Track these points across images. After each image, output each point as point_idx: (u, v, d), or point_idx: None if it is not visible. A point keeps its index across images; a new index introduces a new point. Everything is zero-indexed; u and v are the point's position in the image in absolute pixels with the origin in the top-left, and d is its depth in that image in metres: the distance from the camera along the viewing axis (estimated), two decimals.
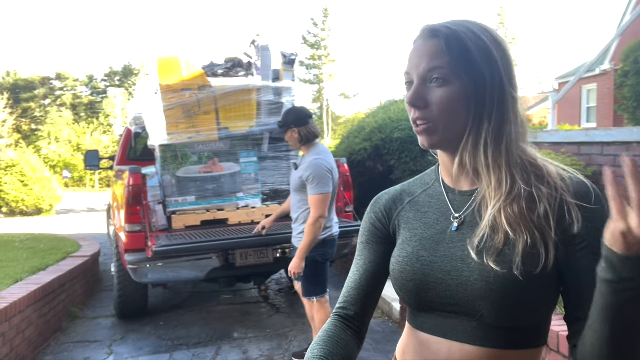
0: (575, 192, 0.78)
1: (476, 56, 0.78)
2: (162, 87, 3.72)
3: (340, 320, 0.93)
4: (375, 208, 0.97)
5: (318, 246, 2.99)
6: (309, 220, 2.88)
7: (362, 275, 0.94)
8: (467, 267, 0.79)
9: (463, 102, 0.79)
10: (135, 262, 3.50)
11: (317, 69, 34.23)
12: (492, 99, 0.79)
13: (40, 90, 43.92)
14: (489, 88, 0.79)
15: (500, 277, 0.75)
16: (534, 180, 0.79)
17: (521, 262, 0.74)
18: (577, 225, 0.76)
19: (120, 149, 5.42)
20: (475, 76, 0.79)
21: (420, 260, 0.84)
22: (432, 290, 0.82)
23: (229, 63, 4.70)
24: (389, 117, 5.66)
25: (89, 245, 5.86)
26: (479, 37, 0.79)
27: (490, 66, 0.79)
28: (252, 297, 5.03)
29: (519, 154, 0.81)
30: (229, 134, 4.02)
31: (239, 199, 4.15)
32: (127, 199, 3.55)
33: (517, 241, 0.76)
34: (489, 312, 0.77)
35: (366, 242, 0.96)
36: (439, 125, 0.80)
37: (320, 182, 2.84)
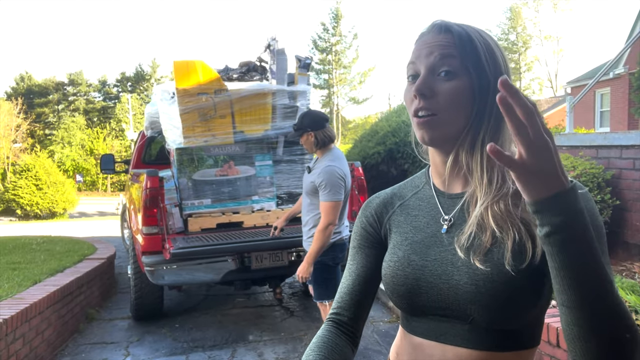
0: None
1: (483, 54, 0.80)
2: (178, 90, 3.76)
3: (334, 326, 0.93)
4: (366, 212, 0.97)
5: (328, 250, 2.98)
6: (319, 226, 2.87)
7: (354, 281, 0.93)
8: (456, 270, 0.79)
9: (469, 97, 0.80)
10: (152, 264, 3.53)
11: (327, 74, 34.32)
12: (494, 99, 0.80)
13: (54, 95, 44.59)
14: (492, 87, 0.79)
15: (488, 278, 0.75)
16: None
17: (511, 258, 0.74)
18: None
19: (136, 153, 5.48)
20: (482, 73, 0.80)
21: (411, 264, 0.84)
22: (424, 294, 0.82)
23: (244, 67, 4.74)
24: (402, 120, 5.66)
25: (104, 248, 5.92)
26: (484, 38, 0.82)
27: (494, 66, 0.81)
28: (266, 300, 5.04)
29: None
30: (245, 137, 4.05)
31: (254, 202, 4.17)
32: (145, 201, 3.59)
33: (504, 239, 0.76)
34: (480, 315, 0.76)
35: (358, 246, 0.95)
36: (443, 118, 0.80)
37: (332, 189, 2.83)
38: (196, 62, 3.79)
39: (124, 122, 39.03)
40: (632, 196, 3.41)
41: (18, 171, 16.85)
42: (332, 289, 3.06)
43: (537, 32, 35.32)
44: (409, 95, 0.84)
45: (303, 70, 4.18)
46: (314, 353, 0.87)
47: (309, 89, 4.26)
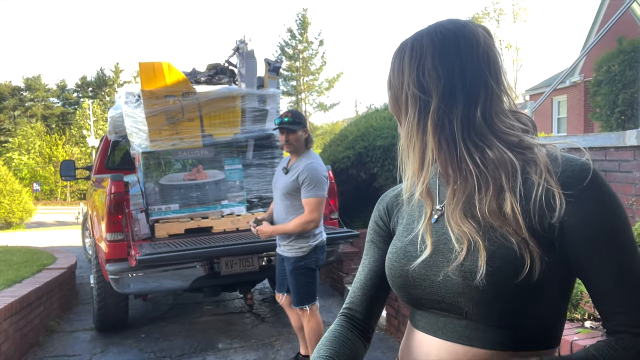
0: (564, 175, 0.73)
1: (391, 68, 0.84)
2: (144, 92, 3.67)
3: (346, 321, 0.92)
4: (379, 206, 0.98)
5: (309, 254, 2.96)
6: (303, 217, 2.84)
7: (366, 275, 0.93)
8: (446, 261, 0.77)
9: (391, 106, 0.86)
10: (117, 272, 3.40)
11: (295, 80, 34.33)
12: (400, 101, 0.83)
13: (9, 100, 42.81)
14: (399, 94, 0.83)
15: (472, 270, 0.73)
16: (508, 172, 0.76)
17: (486, 270, 0.71)
18: (558, 213, 0.71)
19: (99, 158, 5.31)
20: (389, 85, 0.85)
21: (407, 255, 0.83)
22: (418, 286, 0.81)
23: (212, 70, 4.68)
24: (371, 125, 5.71)
25: (64, 258, 5.69)
26: (403, 48, 0.83)
27: (398, 76, 0.83)
28: (235, 307, 4.95)
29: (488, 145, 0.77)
30: (214, 141, 3.98)
31: (223, 206, 4.10)
32: (109, 207, 3.47)
33: (475, 249, 0.74)
34: (471, 310, 0.75)
35: (371, 240, 0.96)
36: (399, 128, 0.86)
37: (317, 185, 2.84)
38: (163, 64, 3.70)
39: (85, 129, 37.83)
40: None
41: None
42: (312, 293, 3.04)
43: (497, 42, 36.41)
44: None
45: (272, 73, 4.16)
46: (326, 347, 0.86)
47: (279, 92, 4.24)
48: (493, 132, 0.78)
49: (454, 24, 0.81)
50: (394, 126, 5.55)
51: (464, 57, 0.78)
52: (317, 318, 3.07)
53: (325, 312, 4.67)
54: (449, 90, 0.77)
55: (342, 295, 5.13)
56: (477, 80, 0.78)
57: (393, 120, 5.72)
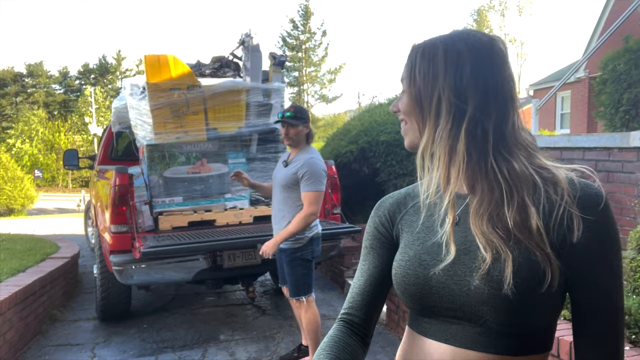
0: (582, 199, 0.77)
1: (416, 68, 0.84)
2: (149, 85, 3.67)
3: (345, 326, 0.93)
4: (379, 212, 0.97)
5: (306, 245, 3.02)
6: (302, 213, 2.90)
7: (366, 281, 0.94)
8: (469, 271, 0.79)
9: (411, 107, 0.85)
10: (120, 264, 3.43)
11: (297, 71, 34.19)
12: (430, 105, 0.82)
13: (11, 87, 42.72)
14: (427, 100, 0.83)
15: (500, 281, 0.75)
16: (530, 188, 0.79)
17: (513, 281, 0.74)
18: (577, 234, 0.76)
19: (102, 148, 5.32)
20: (415, 87, 0.85)
21: (423, 264, 0.84)
22: (435, 294, 0.82)
23: (216, 63, 4.67)
24: (374, 120, 5.71)
25: (67, 247, 5.72)
26: (433, 53, 0.83)
27: (429, 79, 0.83)
28: (237, 299, 4.99)
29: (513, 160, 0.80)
30: (218, 134, 3.99)
31: (226, 200, 4.11)
32: (113, 199, 3.49)
33: (499, 260, 0.76)
34: (492, 317, 0.76)
35: (370, 246, 0.96)
36: (407, 127, 0.88)
37: (317, 179, 2.89)
38: (168, 57, 3.70)
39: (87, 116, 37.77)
40: None
41: None
42: (308, 284, 3.08)
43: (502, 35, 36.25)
44: None
45: (277, 67, 4.15)
46: (326, 352, 0.87)
47: (284, 86, 4.24)
48: (517, 146, 0.81)
49: (485, 35, 0.84)
50: (398, 121, 5.54)
51: (497, 70, 0.81)
52: (314, 309, 3.12)
53: (325, 305, 4.71)
54: (485, 100, 0.80)
55: (343, 288, 5.17)
56: (506, 94, 0.81)
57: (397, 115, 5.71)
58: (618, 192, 3.31)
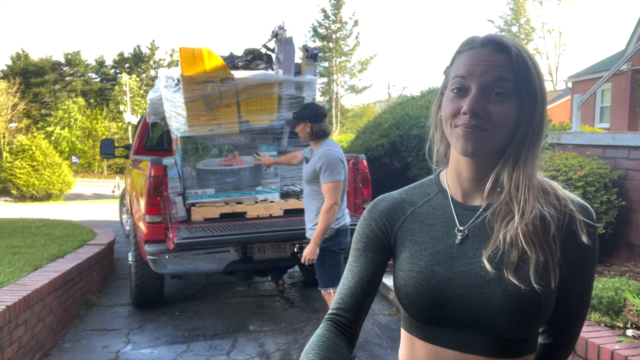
0: (582, 211, 0.85)
1: (535, 78, 0.82)
2: (184, 78, 3.71)
3: (333, 326, 0.93)
4: (374, 215, 0.96)
5: (333, 237, 3.08)
6: (323, 207, 2.99)
7: (357, 283, 0.93)
8: (486, 284, 0.81)
9: (515, 118, 0.82)
10: (155, 253, 3.51)
11: (327, 62, 34.06)
12: (537, 121, 0.83)
13: (50, 75, 44.08)
14: (539, 111, 0.83)
15: (521, 294, 0.79)
16: (546, 199, 0.84)
17: (537, 277, 0.79)
18: (584, 238, 0.82)
19: (137, 138, 5.43)
20: (532, 97, 0.82)
21: (437, 276, 0.85)
22: (449, 305, 0.83)
23: (249, 55, 4.68)
24: (406, 113, 5.62)
25: (103, 233, 5.89)
26: (535, 63, 0.83)
27: (542, 92, 0.83)
28: (266, 290, 5.05)
29: (536, 173, 0.86)
30: (250, 127, 4.01)
31: (257, 192, 4.14)
32: (148, 189, 3.56)
33: (529, 258, 0.80)
34: (506, 327, 0.80)
35: (363, 249, 0.95)
36: (491, 135, 0.81)
37: (333, 170, 2.97)
38: (202, 50, 3.72)
39: (122, 104, 38.71)
40: (638, 197, 3.41)
41: (14, 152, 16.70)
42: (336, 276, 3.12)
43: (539, 24, 35.11)
44: (452, 107, 0.84)
45: (310, 60, 4.13)
46: (314, 351, 0.87)
47: (316, 79, 4.21)
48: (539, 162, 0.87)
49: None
50: None
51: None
52: None
53: None
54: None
55: None
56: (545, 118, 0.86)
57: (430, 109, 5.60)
58: None
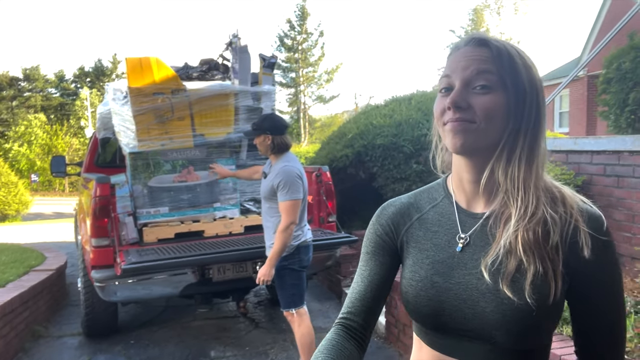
0: (589, 221, 0.79)
1: (521, 70, 0.80)
2: (131, 90, 3.47)
3: (343, 330, 0.92)
4: (381, 220, 0.95)
5: (293, 254, 2.95)
6: (280, 226, 2.85)
7: (367, 287, 0.92)
8: (482, 296, 0.79)
9: (504, 111, 0.79)
10: (102, 280, 3.24)
11: (294, 72, 33.99)
12: (530, 115, 0.80)
13: (8, 91, 42.43)
14: (528, 104, 0.79)
15: (515, 308, 0.76)
16: (552, 205, 0.80)
17: (532, 290, 0.75)
18: (587, 252, 0.77)
19: (88, 155, 5.12)
20: (518, 89, 0.79)
21: (435, 286, 0.84)
22: (447, 316, 0.82)
23: (205, 66, 4.47)
24: (370, 122, 5.51)
25: (54, 257, 5.53)
26: (522, 56, 0.81)
27: (531, 84, 0.80)
28: (229, 311, 4.80)
29: (541, 177, 0.81)
30: (205, 140, 3.80)
31: (216, 209, 3.92)
32: (94, 210, 3.29)
33: (528, 269, 0.76)
34: (504, 339, 0.78)
35: (372, 253, 0.94)
36: (478, 127, 0.79)
37: (290, 188, 2.84)
38: (151, 59, 3.50)
39: (83, 119, 37.57)
40: (603, 202, 3.37)
41: None
42: (299, 296, 2.99)
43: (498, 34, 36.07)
44: (440, 106, 0.83)
45: (267, 69, 3.96)
46: (323, 355, 0.86)
47: (274, 89, 4.05)
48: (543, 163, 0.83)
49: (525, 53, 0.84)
50: (395, 124, 5.36)
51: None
52: (307, 323, 3.00)
53: (322, 316, 4.51)
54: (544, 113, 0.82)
55: (340, 298, 4.98)
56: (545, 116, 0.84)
57: (394, 118, 5.52)
58: (629, 199, 3.12)
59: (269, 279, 2.88)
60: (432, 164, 0.95)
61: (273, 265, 2.87)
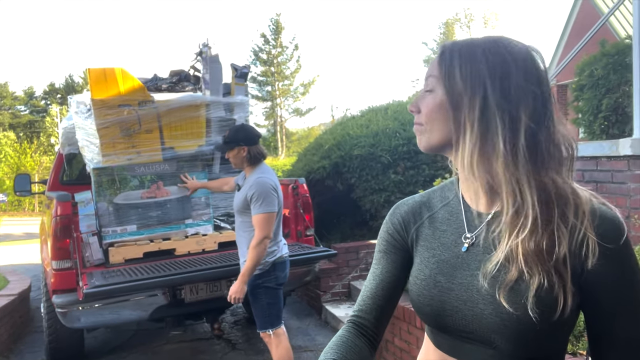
0: (599, 226, 0.74)
1: (457, 69, 0.79)
2: (95, 102, 3.29)
3: (354, 327, 0.92)
4: (393, 218, 0.96)
5: (268, 271, 2.79)
6: (253, 241, 2.70)
7: (378, 285, 0.93)
8: (482, 298, 0.77)
9: (443, 110, 0.80)
10: (64, 305, 3.01)
11: (269, 86, 33.93)
12: (473, 108, 0.77)
13: None
14: (467, 100, 0.77)
15: (514, 317, 0.74)
16: (560, 210, 0.75)
17: (535, 304, 0.72)
18: (592, 261, 0.73)
19: (52, 172, 4.86)
20: (452, 88, 0.79)
21: (437, 285, 0.83)
22: (449, 317, 0.81)
23: (175, 77, 4.32)
24: (347, 133, 5.43)
25: (17, 281, 5.23)
26: (474, 55, 0.78)
27: (476, 76, 0.77)
28: (204, 332, 4.58)
29: (550, 178, 0.75)
30: (175, 154, 3.63)
31: (187, 226, 3.74)
32: (55, 231, 3.07)
33: (531, 281, 0.73)
34: (504, 345, 0.76)
35: (384, 251, 0.94)
36: (425, 128, 0.83)
37: (265, 200, 2.70)
38: (116, 70, 3.33)
39: (53, 137, 36.64)
40: None
41: None
42: (276, 315, 2.83)
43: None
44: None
45: (240, 80, 3.83)
46: (333, 351, 0.86)
47: (247, 100, 3.91)
48: (554, 160, 0.77)
49: (522, 43, 0.80)
50: (372, 134, 5.28)
51: (542, 80, 0.78)
52: (285, 344, 2.83)
53: (301, 334, 4.34)
54: (537, 112, 0.76)
55: (320, 314, 4.81)
56: (552, 107, 0.78)
57: (370, 128, 5.44)
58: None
59: (241, 297, 2.72)
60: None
61: (245, 281, 2.71)
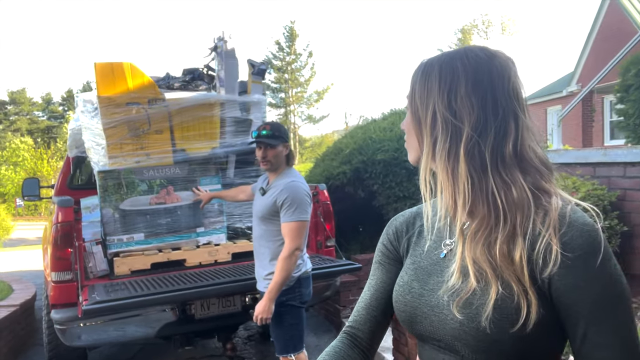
0: (566, 235, 0.71)
1: (416, 85, 0.82)
2: (101, 99, 3.04)
3: (348, 338, 0.92)
4: (388, 230, 0.97)
5: (293, 287, 2.48)
6: (283, 253, 2.38)
7: (372, 296, 0.93)
8: (447, 305, 0.77)
9: (410, 126, 0.85)
10: (63, 322, 2.74)
11: (283, 92, 33.85)
12: (426, 125, 0.80)
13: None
14: (423, 116, 0.80)
15: (470, 327, 0.73)
16: (522, 217, 0.73)
17: (493, 313, 0.70)
18: (551, 268, 0.70)
19: (60, 176, 4.64)
20: (413, 105, 0.82)
21: (412, 291, 0.84)
22: (419, 323, 0.82)
23: (188, 76, 4.06)
24: (369, 136, 5.12)
25: (22, 290, 4.99)
26: (431, 71, 0.80)
27: (424, 97, 0.80)
28: (216, 348, 4.28)
29: (506, 185, 0.74)
30: (187, 156, 3.36)
31: (199, 235, 3.46)
32: (55, 239, 2.81)
33: (487, 290, 0.72)
34: (467, 353, 0.75)
35: (379, 262, 0.96)
36: (408, 142, 0.87)
37: (299, 207, 2.39)
38: (124, 64, 3.08)
39: None
40: (639, 221, 2.97)
41: None
42: (298, 337, 2.52)
43: None
44: None
45: (257, 77, 3.56)
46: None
47: (265, 99, 3.63)
48: (520, 168, 0.76)
49: (484, 52, 0.79)
50: (396, 138, 4.97)
51: (496, 87, 0.77)
52: None
53: (318, 352, 4.02)
54: (482, 120, 0.76)
55: (339, 330, 4.48)
56: (508, 113, 0.77)
57: (394, 131, 5.13)
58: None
59: (269, 317, 2.41)
60: None
61: (273, 299, 2.40)
